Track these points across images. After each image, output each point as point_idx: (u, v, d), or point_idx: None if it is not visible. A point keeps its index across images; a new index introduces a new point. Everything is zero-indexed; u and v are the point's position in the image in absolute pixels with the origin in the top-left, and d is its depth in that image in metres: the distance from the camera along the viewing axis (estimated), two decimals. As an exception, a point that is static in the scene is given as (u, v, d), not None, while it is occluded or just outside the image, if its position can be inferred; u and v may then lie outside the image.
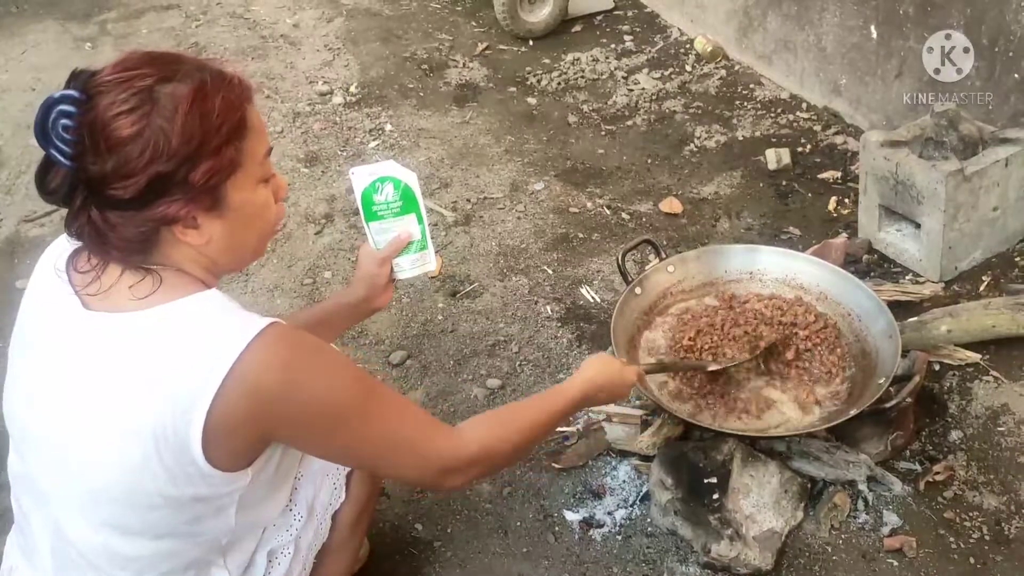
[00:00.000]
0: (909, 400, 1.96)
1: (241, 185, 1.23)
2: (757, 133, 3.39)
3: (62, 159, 1.14)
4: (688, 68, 3.87)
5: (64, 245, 1.30)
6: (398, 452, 1.32)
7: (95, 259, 1.22)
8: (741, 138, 3.38)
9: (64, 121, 1.13)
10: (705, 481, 1.89)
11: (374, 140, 3.56)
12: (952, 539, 1.89)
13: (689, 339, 2.15)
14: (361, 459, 1.37)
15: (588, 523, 2.00)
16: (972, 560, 1.85)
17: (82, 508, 1.24)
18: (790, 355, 2.10)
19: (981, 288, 2.51)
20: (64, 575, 1.30)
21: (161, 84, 1.15)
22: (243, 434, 1.19)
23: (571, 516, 2.02)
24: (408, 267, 1.65)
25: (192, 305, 1.21)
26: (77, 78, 1.17)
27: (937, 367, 2.24)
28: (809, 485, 1.96)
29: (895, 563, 1.85)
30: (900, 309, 2.35)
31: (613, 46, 4.11)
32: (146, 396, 1.15)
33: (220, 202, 1.21)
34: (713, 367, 2.04)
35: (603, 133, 3.52)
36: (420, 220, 1.61)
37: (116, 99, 1.13)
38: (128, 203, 1.15)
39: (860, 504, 1.95)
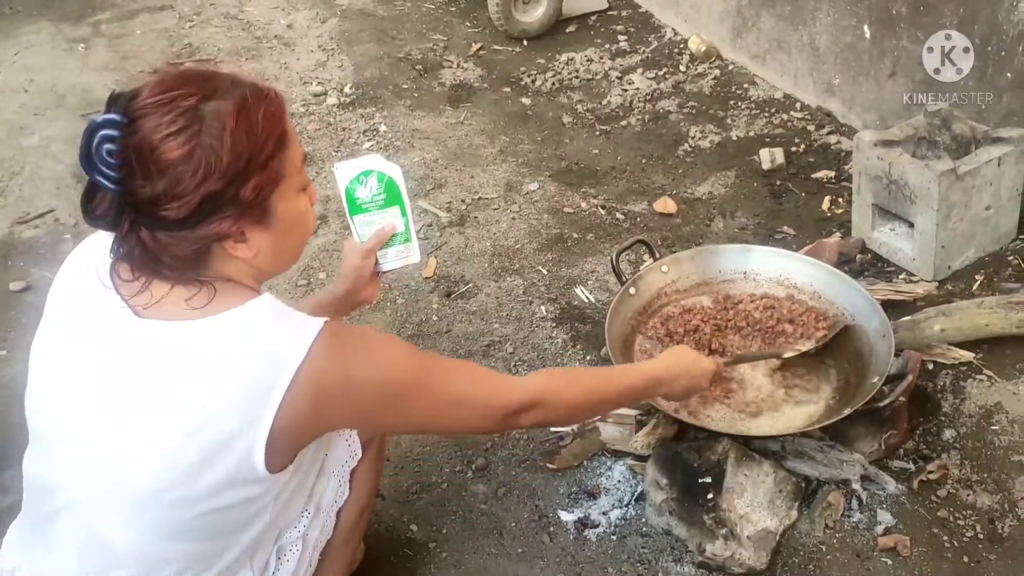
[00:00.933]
0: (903, 399, 1.97)
1: (285, 195, 1.26)
2: (751, 133, 3.39)
3: (108, 184, 1.15)
4: (682, 68, 3.87)
5: (94, 250, 1.31)
6: (464, 408, 1.40)
7: (139, 270, 1.23)
8: (735, 138, 3.38)
9: (108, 146, 1.14)
10: (700, 481, 1.89)
11: (368, 141, 3.56)
12: (946, 538, 1.89)
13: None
14: (434, 424, 1.46)
15: (583, 523, 2.00)
16: (966, 559, 1.85)
17: (127, 511, 1.24)
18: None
19: (974, 287, 2.51)
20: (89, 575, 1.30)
21: (204, 103, 1.17)
22: (308, 432, 1.24)
23: (566, 516, 2.02)
24: (393, 259, 1.65)
25: (249, 312, 1.23)
26: (117, 102, 1.18)
27: (930, 366, 2.24)
28: (803, 484, 1.96)
29: (889, 562, 1.86)
30: (893, 308, 2.35)
31: (607, 46, 4.12)
32: (207, 403, 1.17)
33: (267, 214, 1.24)
34: (788, 354, 2.10)
35: (597, 133, 3.53)
36: (404, 213, 1.62)
37: (162, 121, 1.15)
38: (180, 223, 1.16)
39: (854, 503, 1.96)
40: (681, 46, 4.02)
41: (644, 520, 1.98)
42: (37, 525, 1.35)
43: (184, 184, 1.14)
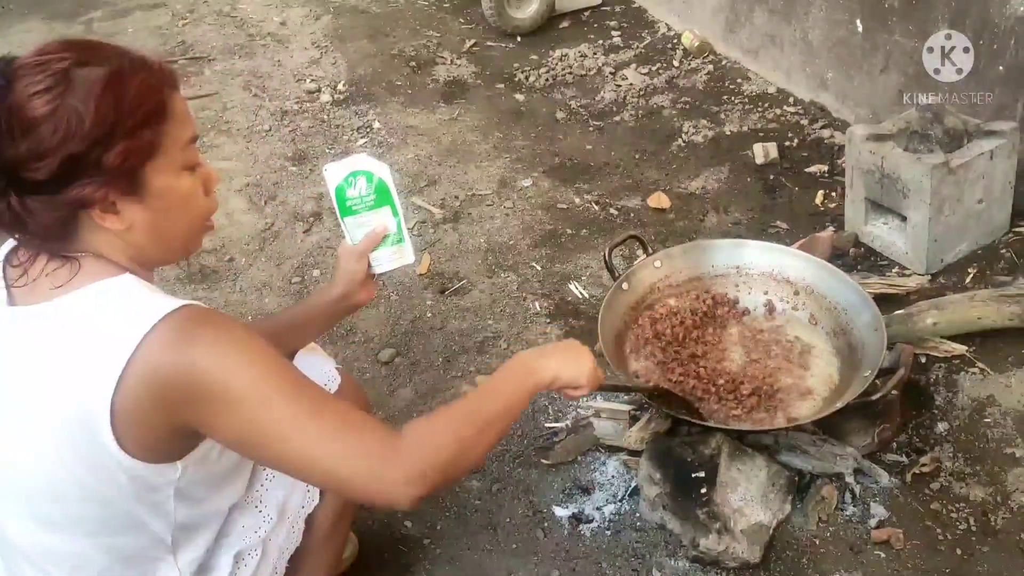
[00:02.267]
0: (895, 393, 1.97)
1: (162, 169, 1.22)
2: (744, 128, 3.39)
3: None
4: (675, 63, 3.87)
5: (7, 245, 1.30)
6: (318, 448, 1.15)
7: (25, 253, 1.22)
8: (728, 133, 3.38)
9: None
10: (693, 476, 1.89)
11: (362, 138, 3.56)
12: (939, 530, 1.90)
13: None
14: (275, 456, 1.18)
15: (577, 518, 2.00)
16: (959, 551, 1.86)
17: (13, 506, 1.24)
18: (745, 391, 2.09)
19: (967, 280, 2.52)
20: (12, 574, 1.30)
21: (78, 67, 1.15)
22: (154, 421, 1.15)
23: (560, 512, 2.03)
24: (386, 260, 1.63)
25: (100, 290, 1.19)
26: None
27: (923, 359, 2.25)
28: (797, 478, 1.97)
29: (882, 555, 1.86)
30: (886, 302, 2.35)
31: (601, 42, 4.11)
32: (56, 386, 1.15)
33: (139, 186, 1.20)
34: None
35: (591, 129, 3.52)
36: (395, 213, 1.60)
37: (32, 81, 1.13)
38: (43, 185, 1.14)
39: (847, 497, 1.96)
40: (674, 41, 4.02)
41: (638, 515, 1.99)
42: None
43: (45, 144, 1.12)
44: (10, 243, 1.29)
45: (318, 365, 1.69)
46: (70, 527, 1.23)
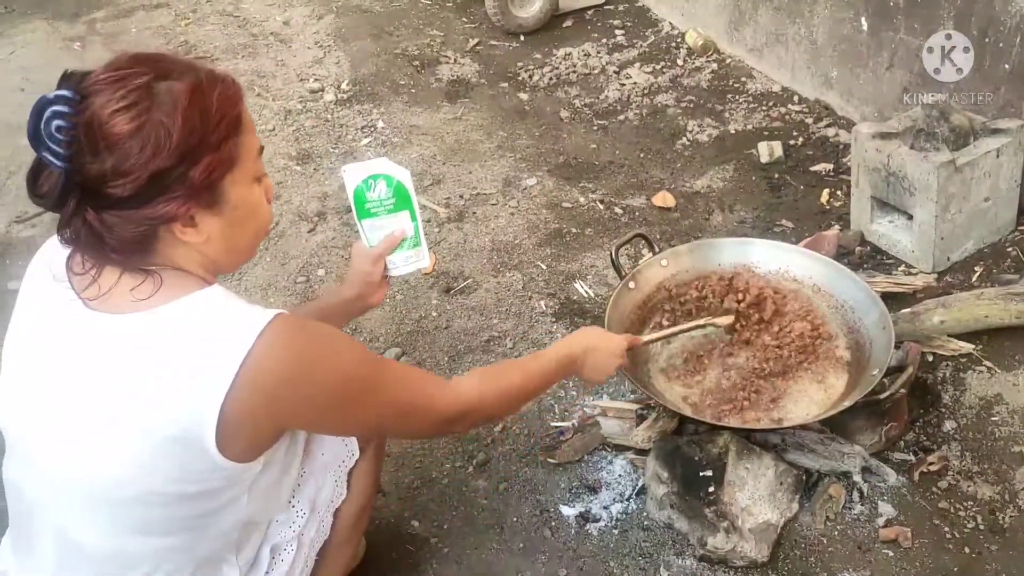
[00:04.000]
0: (903, 391, 1.97)
1: (238, 182, 1.23)
2: (749, 126, 3.39)
3: (55, 160, 1.12)
4: (680, 62, 3.87)
5: (56, 248, 1.28)
6: (406, 415, 1.40)
7: (90, 262, 1.21)
8: (733, 131, 3.38)
9: (58, 122, 1.11)
10: (700, 474, 1.89)
11: (366, 137, 3.56)
12: (947, 529, 1.90)
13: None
14: (375, 428, 1.48)
15: (584, 518, 2.00)
16: (967, 550, 1.85)
17: (90, 511, 1.23)
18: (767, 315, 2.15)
19: (973, 278, 2.51)
20: None
21: (157, 81, 1.15)
22: (258, 426, 1.20)
23: (567, 511, 2.02)
24: (402, 264, 1.64)
25: (197, 303, 1.20)
26: (69, 79, 1.16)
27: (930, 358, 2.25)
28: (804, 477, 1.96)
29: (890, 553, 1.86)
30: (893, 300, 2.35)
31: (604, 41, 4.11)
32: (157, 397, 1.15)
33: (218, 199, 1.21)
34: (721, 321, 2.10)
35: (595, 128, 3.52)
36: (413, 217, 1.61)
37: (112, 97, 1.13)
38: (127, 201, 1.14)
39: (855, 495, 1.96)
40: (678, 40, 4.02)
41: (645, 514, 1.99)
42: (19, 529, 1.35)
43: (132, 160, 1.12)
44: (55, 246, 1.28)
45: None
46: (151, 530, 1.24)
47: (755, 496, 1.88)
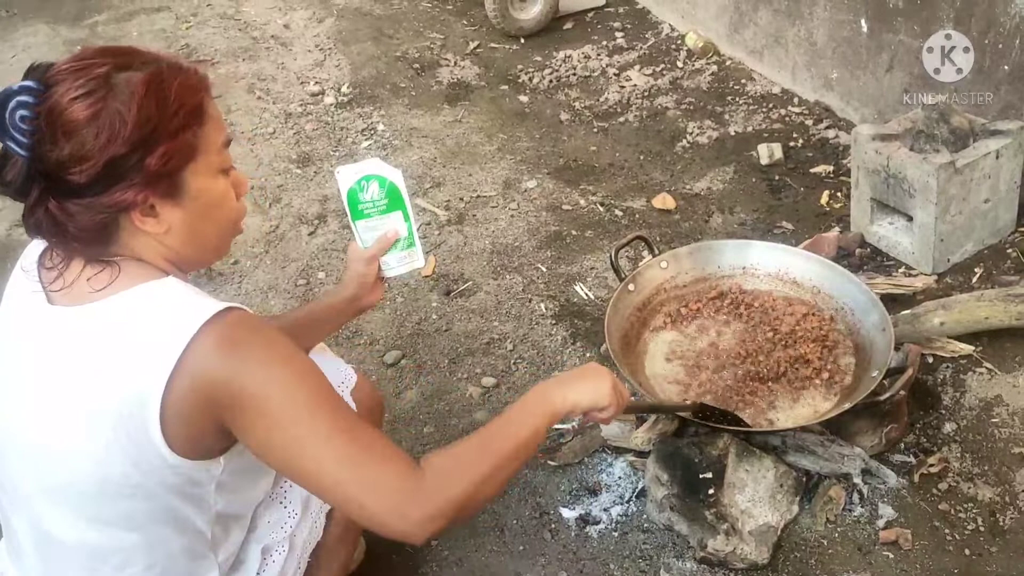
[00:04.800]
0: (903, 393, 1.97)
1: (200, 172, 1.23)
2: (749, 128, 3.39)
3: (18, 149, 1.14)
4: (679, 64, 3.87)
5: (35, 245, 1.30)
6: (345, 475, 1.16)
7: (59, 256, 1.23)
8: (733, 133, 3.38)
9: (22, 112, 1.14)
10: (700, 476, 1.89)
11: (366, 140, 3.56)
12: (947, 531, 1.89)
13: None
14: (302, 474, 1.19)
15: (584, 520, 2.00)
16: (967, 551, 1.85)
17: (59, 503, 1.24)
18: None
19: (973, 280, 2.51)
20: (52, 574, 1.30)
21: (118, 71, 1.17)
22: (199, 421, 1.17)
23: (567, 513, 2.02)
24: (396, 264, 1.65)
25: (147, 292, 1.21)
26: (35, 70, 1.18)
27: (930, 359, 2.25)
28: (804, 479, 1.96)
29: (891, 555, 1.86)
30: (893, 302, 2.35)
31: (604, 43, 4.11)
32: (105, 386, 1.16)
33: (178, 189, 1.22)
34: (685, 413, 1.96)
35: (595, 130, 3.52)
36: (407, 217, 1.61)
37: (72, 85, 1.14)
38: (85, 188, 1.15)
39: (855, 497, 1.96)
40: (678, 42, 4.02)
41: (645, 516, 1.99)
42: (7, 529, 1.36)
43: (88, 146, 1.13)
44: (38, 244, 1.30)
45: (333, 364, 1.71)
46: (118, 523, 1.24)
47: (755, 498, 1.88)
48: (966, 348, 2.24)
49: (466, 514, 1.23)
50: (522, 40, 4.22)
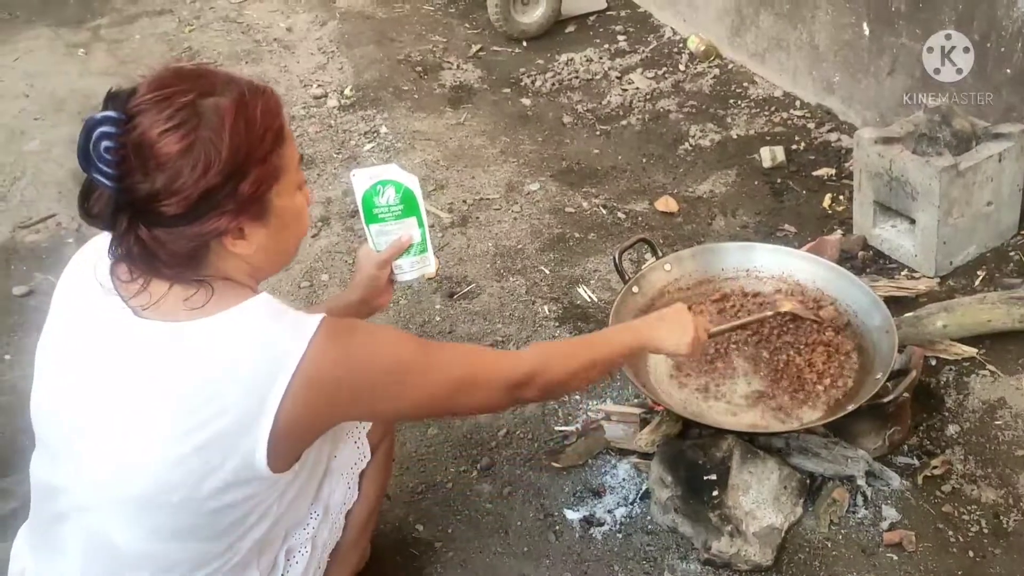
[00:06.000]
0: (906, 395, 1.97)
1: (283, 192, 1.26)
2: (751, 131, 3.40)
3: (106, 181, 1.14)
4: (682, 67, 3.88)
5: (93, 253, 1.30)
6: (469, 387, 1.40)
7: (137, 271, 1.23)
8: (735, 136, 3.39)
9: (106, 143, 1.13)
10: (704, 478, 1.89)
11: (369, 143, 3.57)
12: (951, 533, 1.90)
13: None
14: (439, 405, 1.43)
15: (588, 522, 2.01)
16: (971, 553, 1.86)
17: (132, 515, 1.24)
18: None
19: (976, 283, 2.52)
20: None
21: (202, 98, 1.17)
22: (312, 428, 1.25)
23: (571, 515, 2.03)
24: (408, 269, 1.66)
25: (247, 311, 1.22)
26: (115, 99, 1.17)
27: (933, 362, 2.25)
28: (808, 481, 1.97)
29: (894, 557, 1.86)
30: (895, 305, 2.35)
31: (607, 46, 4.12)
32: (207, 405, 1.17)
33: (266, 210, 1.24)
34: (784, 308, 2.15)
35: (598, 133, 3.53)
36: (421, 224, 1.63)
37: (160, 116, 1.14)
38: (178, 219, 1.16)
39: (859, 499, 1.96)
40: (680, 45, 4.03)
41: (649, 518, 1.99)
42: (44, 529, 1.35)
43: (183, 179, 1.14)
44: (89, 252, 1.30)
45: None
46: (188, 535, 1.25)
47: (759, 500, 1.89)
48: (969, 351, 2.25)
49: (550, 393, 1.55)
50: (524, 43, 4.22)
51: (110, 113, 1.14)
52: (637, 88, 3.76)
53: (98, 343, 1.25)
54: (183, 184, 1.14)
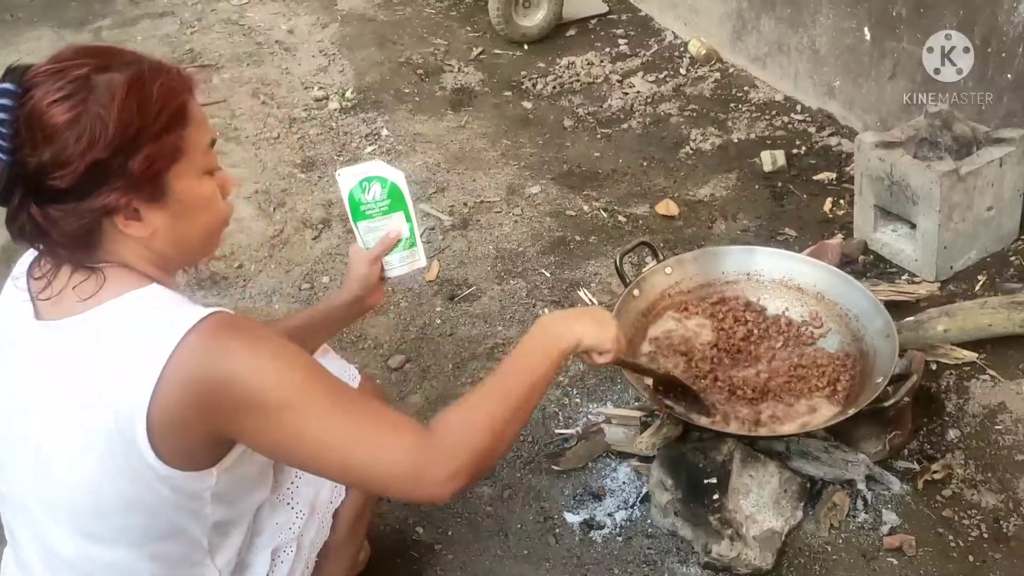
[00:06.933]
0: (907, 399, 1.97)
1: (184, 174, 1.21)
2: (752, 135, 3.40)
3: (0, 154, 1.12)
4: (682, 71, 3.88)
5: (29, 257, 1.29)
6: (355, 451, 1.17)
7: (47, 264, 1.22)
8: (736, 140, 3.39)
9: (0, 115, 1.11)
10: (705, 482, 1.89)
11: (370, 145, 3.57)
12: (951, 537, 1.90)
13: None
14: (313, 459, 1.19)
15: (588, 525, 2.00)
16: (971, 558, 1.86)
17: (58, 519, 1.23)
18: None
19: (977, 287, 2.52)
20: None
21: (97, 72, 1.14)
22: (190, 430, 1.16)
23: (571, 518, 2.03)
24: (398, 264, 1.65)
25: (131, 302, 1.19)
26: (12, 72, 1.15)
27: (934, 366, 2.25)
28: (808, 485, 1.97)
29: (895, 562, 1.86)
30: (896, 309, 2.35)
31: (607, 50, 4.12)
32: (91, 401, 1.15)
33: (162, 192, 1.20)
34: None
35: (599, 136, 3.53)
36: (408, 218, 1.62)
37: (51, 88, 1.12)
38: (67, 194, 1.13)
39: (859, 503, 1.96)
40: (681, 49, 4.03)
41: (649, 521, 1.99)
42: (13, 541, 1.36)
43: (69, 151, 1.11)
44: (31, 254, 1.29)
45: (337, 365, 1.71)
46: (116, 538, 1.23)
47: (759, 504, 1.88)
48: (969, 355, 2.25)
49: (486, 465, 1.24)
50: (525, 46, 4.23)
51: (6, 85, 1.13)
52: (638, 92, 3.77)
53: (10, 346, 1.25)
54: (69, 156, 1.11)
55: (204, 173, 1.26)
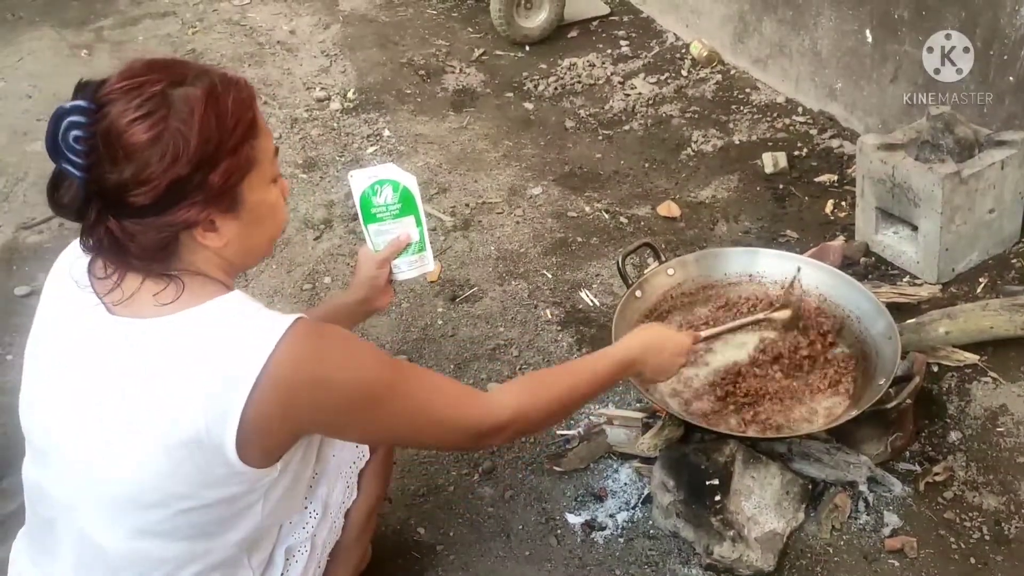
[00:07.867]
0: (909, 401, 1.97)
1: (255, 185, 1.24)
2: (753, 137, 3.40)
3: (75, 171, 1.13)
4: (684, 73, 3.88)
5: (76, 252, 1.29)
6: (434, 425, 1.35)
7: (112, 266, 1.22)
8: (738, 142, 3.39)
9: (75, 132, 1.12)
10: (707, 483, 1.89)
11: (372, 146, 3.57)
12: (952, 539, 1.90)
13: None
14: (401, 436, 1.41)
15: (590, 526, 2.01)
16: (973, 560, 1.86)
17: (112, 515, 1.24)
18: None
19: (978, 290, 2.52)
20: None
21: (172, 88, 1.16)
22: (279, 431, 1.21)
23: (573, 519, 2.03)
24: (406, 268, 1.66)
25: (217, 308, 1.21)
26: (84, 89, 1.17)
27: (935, 368, 2.25)
28: (810, 486, 1.97)
29: (896, 563, 1.86)
30: (898, 311, 2.35)
31: (609, 51, 4.13)
32: (178, 403, 1.16)
33: (237, 203, 1.22)
34: (766, 314, 2.12)
35: (600, 138, 3.53)
36: (419, 222, 1.63)
37: (129, 106, 1.13)
38: (147, 209, 1.15)
39: (861, 505, 1.96)
40: (683, 51, 4.03)
41: (651, 522, 1.99)
42: (39, 532, 1.35)
43: (151, 168, 1.13)
44: (74, 251, 1.29)
45: None
46: (171, 534, 1.24)
47: (761, 505, 1.89)
48: (971, 357, 2.25)
49: (522, 435, 1.59)
50: (527, 48, 4.23)
51: (79, 102, 1.14)
52: (640, 93, 3.77)
53: (75, 343, 1.25)
54: (151, 174, 1.13)
55: (271, 181, 1.29)
